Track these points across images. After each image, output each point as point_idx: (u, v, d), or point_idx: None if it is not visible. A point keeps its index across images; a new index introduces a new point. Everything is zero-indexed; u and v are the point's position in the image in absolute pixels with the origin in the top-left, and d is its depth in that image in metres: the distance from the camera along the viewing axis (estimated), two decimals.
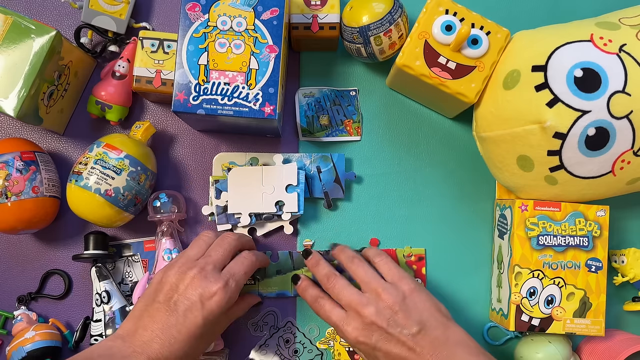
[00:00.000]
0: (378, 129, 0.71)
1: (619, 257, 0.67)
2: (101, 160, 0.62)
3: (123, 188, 0.63)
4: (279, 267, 0.69)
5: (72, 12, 0.72)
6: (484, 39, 0.61)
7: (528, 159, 0.59)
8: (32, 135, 0.71)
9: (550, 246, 0.63)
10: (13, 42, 0.60)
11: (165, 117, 0.71)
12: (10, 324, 0.68)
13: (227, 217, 0.67)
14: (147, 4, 0.72)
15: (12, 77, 0.59)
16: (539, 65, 0.57)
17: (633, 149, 0.56)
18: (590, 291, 0.63)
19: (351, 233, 0.70)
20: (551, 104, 0.55)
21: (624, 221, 0.70)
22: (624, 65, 0.55)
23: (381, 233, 0.70)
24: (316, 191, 0.69)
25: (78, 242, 0.69)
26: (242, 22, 0.59)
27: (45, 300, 0.69)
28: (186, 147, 0.71)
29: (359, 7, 0.63)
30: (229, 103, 0.58)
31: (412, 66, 0.61)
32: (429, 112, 0.72)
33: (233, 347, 0.68)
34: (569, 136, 0.55)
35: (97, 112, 0.68)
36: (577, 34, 0.58)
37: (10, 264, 0.69)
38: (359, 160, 0.71)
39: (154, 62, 0.66)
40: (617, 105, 0.54)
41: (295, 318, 0.69)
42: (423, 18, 0.61)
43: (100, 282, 0.66)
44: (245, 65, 0.58)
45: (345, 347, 0.68)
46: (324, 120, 0.71)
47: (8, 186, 0.62)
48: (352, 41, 0.65)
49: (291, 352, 0.68)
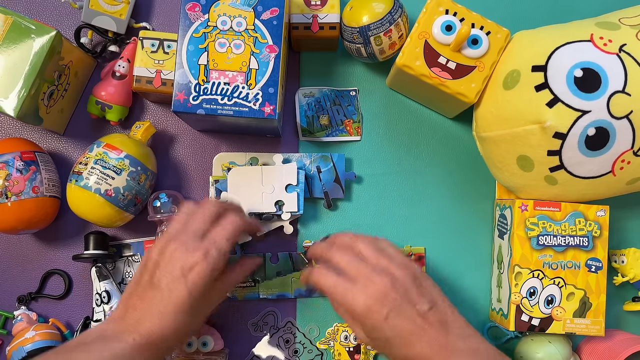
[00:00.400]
0: (378, 129, 0.71)
1: (619, 257, 0.67)
2: (101, 160, 0.62)
3: (123, 188, 0.63)
4: (278, 268, 0.69)
5: (72, 12, 0.72)
6: (484, 39, 0.61)
7: (528, 159, 0.59)
8: (32, 135, 0.71)
9: (550, 246, 0.63)
10: (13, 42, 0.60)
11: (165, 117, 0.71)
12: (11, 324, 0.68)
13: None
14: (147, 4, 0.72)
15: (12, 77, 0.60)
16: (539, 65, 0.57)
17: (633, 149, 0.56)
18: (590, 291, 0.63)
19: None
20: (551, 104, 0.55)
21: (624, 221, 0.70)
22: (624, 65, 0.55)
23: (381, 233, 0.70)
24: (316, 191, 0.69)
25: (78, 242, 0.69)
26: (242, 22, 0.59)
27: (46, 300, 0.69)
28: (186, 147, 0.71)
29: (359, 7, 0.63)
30: (228, 103, 0.58)
31: (412, 66, 0.61)
32: (429, 112, 0.72)
33: (233, 347, 0.68)
34: (569, 136, 0.55)
35: (97, 112, 0.68)
36: (577, 34, 0.58)
37: (10, 264, 0.69)
38: (359, 160, 0.71)
39: (154, 62, 0.66)
40: (617, 105, 0.54)
41: (295, 318, 0.69)
42: (423, 18, 0.61)
43: (100, 282, 0.66)
44: (245, 65, 0.58)
45: (345, 347, 0.68)
46: (324, 120, 0.71)
47: (8, 186, 0.62)
48: (352, 41, 0.65)
49: (291, 352, 0.68)
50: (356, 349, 0.68)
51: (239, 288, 0.68)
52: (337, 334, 0.68)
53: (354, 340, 0.68)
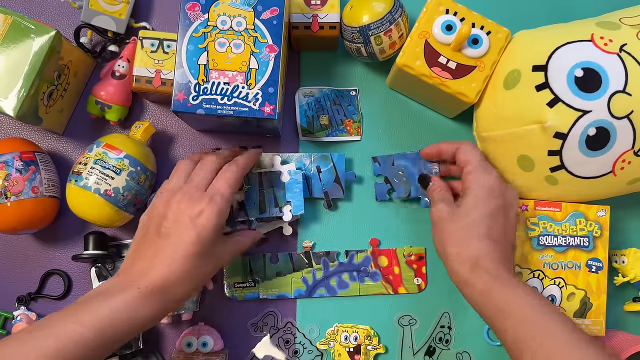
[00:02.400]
0: (378, 129, 0.71)
1: (620, 257, 0.67)
2: (101, 160, 0.62)
3: (123, 188, 0.62)
4: (278, 269, 0.69)
5: (72, 12, 0.72)
6: (484, 38, 0.61)
7: (528, 159, 0.59)
8: (32, 135, 0.71)
9: (551, 246, 0.63)
10: (13, 42, 0.60)
11: (165, 117, 0.71)
12: (10, 324, 0.68)
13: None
14: (147, 3, 0.72)
15: (11, 77, 0.59)
16: (539, 65, 0.56)
17: (633, 149, 0.56)
18: (590, 291, 0.63)
19: (351, 233, 0.70)
20: (552, 103, 0.55)
21: (625, 221, 0.70)
22: (624, 65, 0.55)
23: (381, 233, 0.70)
24: (316, 191, 0.69)
25: (78, 242, 0.69)
26: (242, 21, 0.58)
27: (45, 301, 0.69)
28: (186, 147, 0.71)
29: (359, 6, 0.63)
30: (228, 103, 0.58)
31: (412, 66, 0.61)
32: (429, 112, 0.72)
33: (233, 347, 0.68)
34: (570, 136, 0.55)
35: (96, 112, 0.68)
36: (578, 34, 0.57)
37: (10, 264, 0.69)
38: (359, 160, 0.71)
39: (153, 61, 0.66)
40: (617, 105, 0.54)
41: (295, 319, 0.69)
42: (423, 18, 0.61)
43: (100, 282, 0.66)
44: (245, 64, 0.58)
45: (345, 348, 0.68)
46: (324, 120, 0.70)
47: (8, 186, 0.62)
48: (352, 41, 0.65)
49: (291, 352, 0.68)
50: (356, 350, 0.67)
51: (239, 288, 0.68)
52: (337, 335, 0.68)
53: (354, 341, 0.68)
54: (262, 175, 0.66)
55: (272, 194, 0.66)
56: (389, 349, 0.68)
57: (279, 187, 0.66)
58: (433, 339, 0.69)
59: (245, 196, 0.65)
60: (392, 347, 0.68)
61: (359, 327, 0.68)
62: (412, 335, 0.69)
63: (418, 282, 0.69)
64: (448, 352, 0.68)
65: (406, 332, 0.69)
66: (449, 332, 0.69)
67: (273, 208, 0.66)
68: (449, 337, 0.69)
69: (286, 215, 0.66)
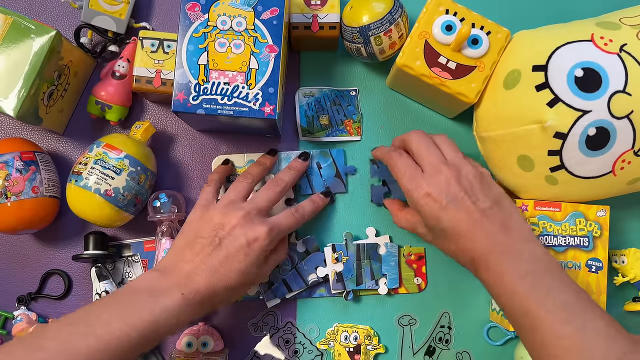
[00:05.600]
0: (378, 129, 0.71)
1: (620, 257, 0.67)
2: (101, 160, 0.62)
3: (123, 188, 0.62)
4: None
5: (72, 12, 0.72)
6: (484, 38, 0.61)
7: (528, 158, 0.59)
8: (32, 135, 0.71)
9: (551, 246, 0.63)
10: (13, 42, 0.60)
11: (165, 117, 0.71)
12: (10, 324, 0.68)
13: None
14: (147, 4, 0.72)
15: (12, 77, 0.59)
16: (539, 65, 0.57)
17: (633, 149, 0.56)
18: (590, 291, 0.63)
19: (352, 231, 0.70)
20: (552, 103, 0.55)
21: (625, 221, 0.70)
22: (624, 65, 0.55)
23: (383, 232, 0.70)
24: (317, 187, 0.69)
25: (78, 242, 0.69)
26: (242, 21, 0.59)
27: (45, 301, 0.69)
28: (186, 147, 0.71)
29: (359, 6, 0.63)
30: (228, 103, 0.58)
31: (412, 66, 0.61)
32: (429, 112, 0.72)
33: (233, 347, 0.68)
34: (570, 136, 0.55)
35: (97, 112, 0.68)
36: (578, 34, 0.58)
37: (10, 264, 0.69)
38: (359, 160, 0.71)
39: (153, 62, 0.66)
40: (617, 105, 0.54)
41: (295, 319, 0.69)
42: (423, 18, 0.61)
43: (100, 282, 0.66)
44: (245, 65, 0.58)
45: (345, 348, 0.68)
46: (324, 120, 0.70)
47: (8, 186, 0.62)
48: (352, 41, 0.65)
49: (291, 352, 0.68)
50: (356, 350, 0.67)
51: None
52: (337, 335, 0.68)
53: (354, 341, 0.68)
54: (360, 247, 0.67)
55: (369, 265, 0.67)
56: (389, 349, 0.68)
57: (375, 259, 0.67)
58: (433, 338, 0.69)
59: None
60: (392, 347, 0.69)
61: (358, 327, 0.68)
62: (412, 335, 0.69)
63: (418, 281, 0.69)
64: (448, 352, 0.68)
65: (406, 332, 0.69)
66: (449, 332, 0.69)
67: (369, 280, 0.67)
68: (449, 337, 0.69)
69: (382, 288, 0.67)
